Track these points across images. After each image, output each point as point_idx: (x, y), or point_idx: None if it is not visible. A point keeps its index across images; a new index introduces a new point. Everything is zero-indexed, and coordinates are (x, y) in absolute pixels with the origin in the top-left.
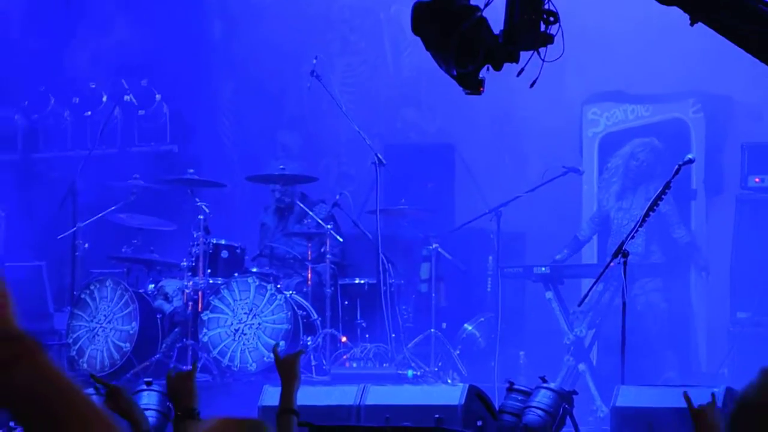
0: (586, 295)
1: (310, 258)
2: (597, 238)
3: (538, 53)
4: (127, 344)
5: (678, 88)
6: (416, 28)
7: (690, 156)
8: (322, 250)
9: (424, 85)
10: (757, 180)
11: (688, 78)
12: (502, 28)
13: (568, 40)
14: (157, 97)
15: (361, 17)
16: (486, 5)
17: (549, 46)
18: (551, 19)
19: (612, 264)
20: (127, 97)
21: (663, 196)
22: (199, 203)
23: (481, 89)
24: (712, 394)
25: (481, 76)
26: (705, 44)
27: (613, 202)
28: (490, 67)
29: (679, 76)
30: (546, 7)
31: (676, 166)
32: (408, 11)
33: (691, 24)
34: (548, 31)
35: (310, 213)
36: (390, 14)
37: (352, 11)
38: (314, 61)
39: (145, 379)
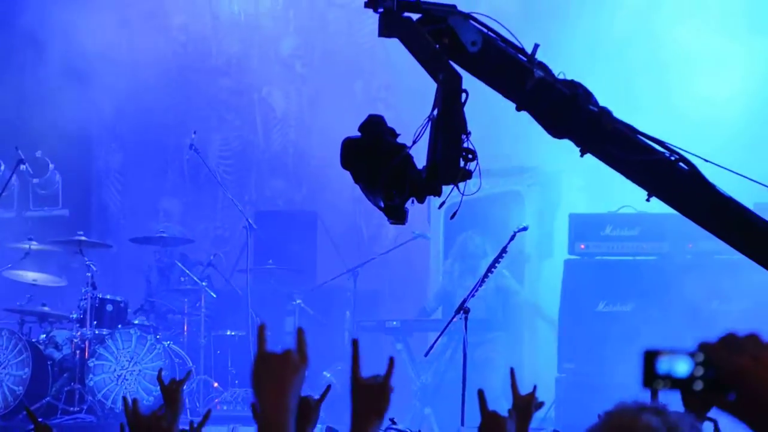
0: (431, 347)
1: (186, 312)
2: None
3: (458, 188)
4: (20, 388)
5: (517, 163)
6: (346, 163)
7: (524, 224)
8: (198, 304)
9: (291, 158)
10: (582, 246)
11: (526, 155)
12: (425, 164)
13: (421, 118)
14: (51, 166)
15: (236, 97)
16: (413, 144)
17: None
18: (470, 156)
19: (455, 319)
20: (23, 166)
21: (500, 260)
22: (87, 262)
23: (405, 220)
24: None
25: (405, 207)
26: (539, 127)
27: (457, 284)
28: (414, 200)
29: (518, 153)
30: (465, 146)
31: (512, 233)
32: (278, 93)
33: (581, 155)
34: (467, 168)
35: (188, 272)
36: (262, 95)
37: (228, 92)
38: (193, 136)
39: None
